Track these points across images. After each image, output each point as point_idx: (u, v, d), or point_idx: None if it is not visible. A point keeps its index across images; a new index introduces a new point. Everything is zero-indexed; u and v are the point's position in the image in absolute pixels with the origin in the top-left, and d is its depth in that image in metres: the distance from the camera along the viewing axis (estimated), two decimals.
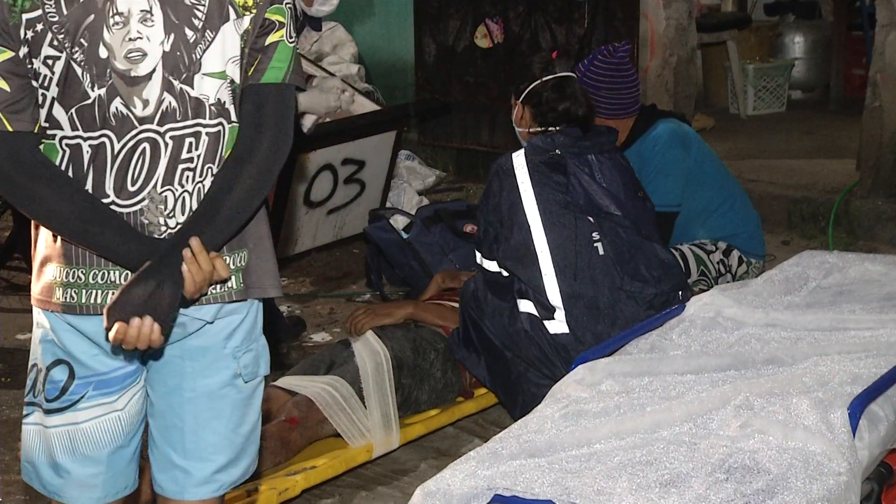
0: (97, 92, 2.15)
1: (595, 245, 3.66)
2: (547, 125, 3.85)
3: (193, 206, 2.22)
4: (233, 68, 2.22)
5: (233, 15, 2.20)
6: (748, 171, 6.44)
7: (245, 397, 2.36)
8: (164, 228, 2.22)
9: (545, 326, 3.62)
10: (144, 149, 2.19)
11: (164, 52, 2.16)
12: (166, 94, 2.18)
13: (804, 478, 2.37)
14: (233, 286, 2.26)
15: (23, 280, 5.26)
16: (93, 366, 2.27)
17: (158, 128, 2.19)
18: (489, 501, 2.40)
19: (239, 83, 2.24)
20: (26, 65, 2.15)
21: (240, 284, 2.28)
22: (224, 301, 2.27)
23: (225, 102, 2.23)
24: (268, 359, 2.41)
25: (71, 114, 2.17)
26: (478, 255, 3.79)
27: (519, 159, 3.69)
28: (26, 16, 2.12)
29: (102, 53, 2.14)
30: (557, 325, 3.62)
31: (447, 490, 2.42)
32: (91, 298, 2.21)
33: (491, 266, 3.73)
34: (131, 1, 2.14)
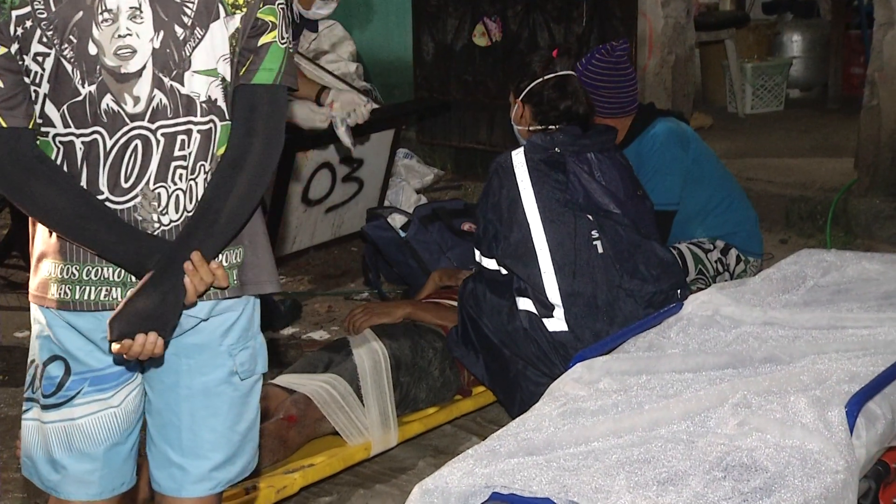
0: (88, 89, 2.15)
1: (594, 243, 3.66)
2: (547, 124, 3.83)
3: (186, 204, 2.23)
4: (224, 66, 2.22)
5: (222, 13, 2.20)
6: (746, 170, 6.44)
7: (242, 395, 2.36)
8: (158, 225, 2.22)
9: (544, 324, 3.62)
10: (136, 146, 2.19)
11: (154, 49, 2.16)
12: (157, 91, 2.18)
13: (802, 476, 2.37)
14: (229, 282, 2.26)
15: (21, 278, 5.26)
16: (88, 362, 2.27)
17: (150, 125, 2.19)
18: (487, 499, 2.40)
19: (230, 81, 2.24)
20: (18, 61, 2.15)
21: (234, 281, 2.28)
22: (219, 298, 2.27)
23: (216, 100, 2.23)
24: (266, 356, 2.41)
25: (63, 111, 2.17)
26: (477, 254, 3.79)
27: (518, 157, 3.69)
28: (15, 12, 2.12)
29: (92, 50, 2.14)
30: (556, 323, 3.62)
31: (445, 488, 2.42)
32: (85, 295, 2.21)
33: (490, 264, 3.72)
34: None
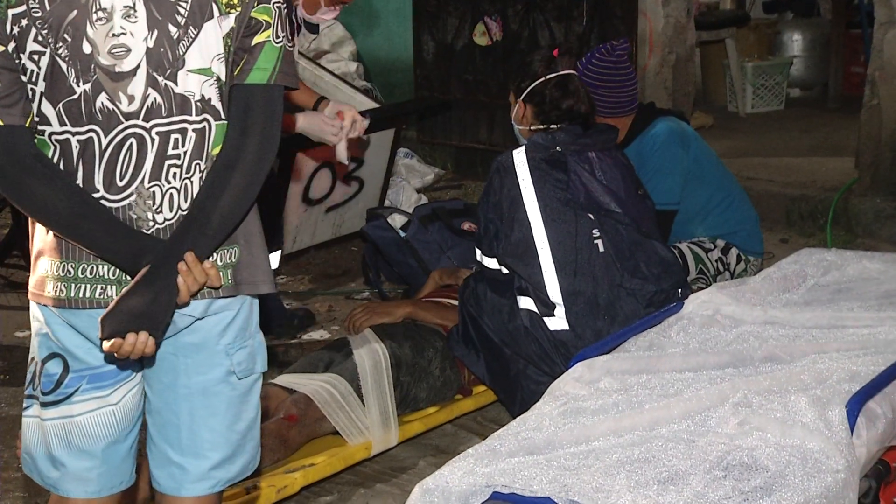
0: (82, 87, 2.16)
1: (595, 242, 3.66)
2: (549, 123, 3.82)
3: (181, 202, 2.23)
4: (218, 66, 2.22)
5: (216, 12, 2.20)
6: (747, 169, 6.44)
7: (240, 394, 2.36)
8: (152, 224, 2.22)
9: (545, 323, 3.62)
10: (131, 144, 2.19)
11: (148, 49, 2.17)
12: (151, 90, 2.18)
13: (802, 475, 2.37)
14: (222, 282, 2.26)
15: (21, 277, 5.26)
16: (86, 359, 2.28)
17: (144, 123, 2.19)
18: (488, 499, 2.40)
19: (225, 81, 2.24)
20: (15, 59, 2.16)
21: (228, 281, 2.28)
22: (213, 297, 2.27)
23: (211, 99, 2.23)
24: (265, 355, 2.41)
25: (58, 109, 2.17)
26: (478, 253, 3.79)
27: (520, 156, 3.69)
28: (12, 11, 2.13)
29: (86, 49, 2.15)
30: (557, 322, 3.62)
31: (445, 487, 2.42)
32: (81, 293, 2.22)
33: (491, 263, 3.72)
34: None
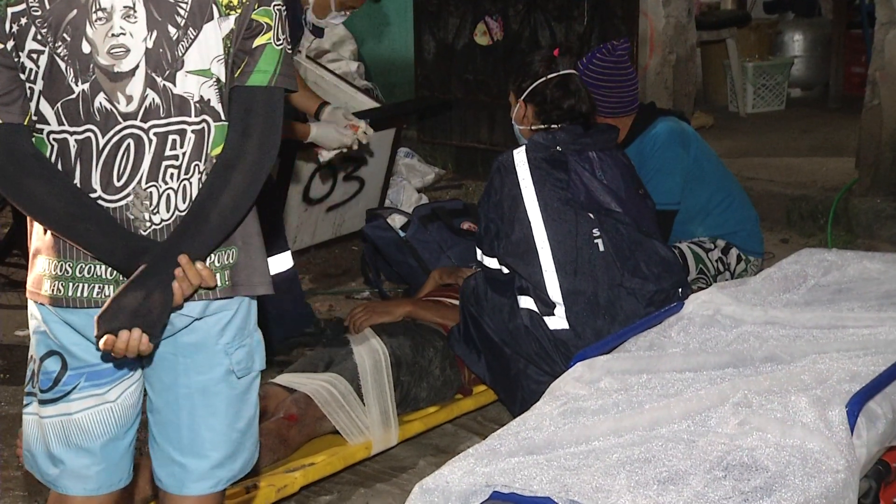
0: (81, 87, 2.16)
1: (595, 241, 3.66)
2: (550, 123, 3.82)
3: (178, 203, 2.23)
4: (218, 67, 2.22)
5: (216, 14, 2.20)
6: (747, 169, 6.44)
7: (239, 393, 2.36)
8: (149, 224, 2.22)
9: (545, 322, 3.62)
10: (129, 144, 2.19)
11: (147, 49, 2.17)
12: (149, 91, 2.18)
13: (802, 475, 2.37)
14: (219, 283, 2.26)
15: (21, 276, 5.25)
16: (84, 357, 2.28)
17: (142, 124, 2.19)
18: (488, 498, 2.40)
19: (225, 82, 2.24)
20: (14, 58, 2.16)
21: (226, 282, 2.28)
22: (209, 298, 2.27)
23: (210, 100, 2.23)
24: (263, 354, 2.41)
25: (57, 108, 2.18)
26: (478, 252, 3.79)
27: (520, 156, 3.69)
28: (11, 9, 2.13)
29: (85, 48, 2.15)
30: (557, 321, 3.62)
31: (445, 487, 2.42)
32: (78, 292, 2.22)
33: (491, 263, 3.72)
34: None
